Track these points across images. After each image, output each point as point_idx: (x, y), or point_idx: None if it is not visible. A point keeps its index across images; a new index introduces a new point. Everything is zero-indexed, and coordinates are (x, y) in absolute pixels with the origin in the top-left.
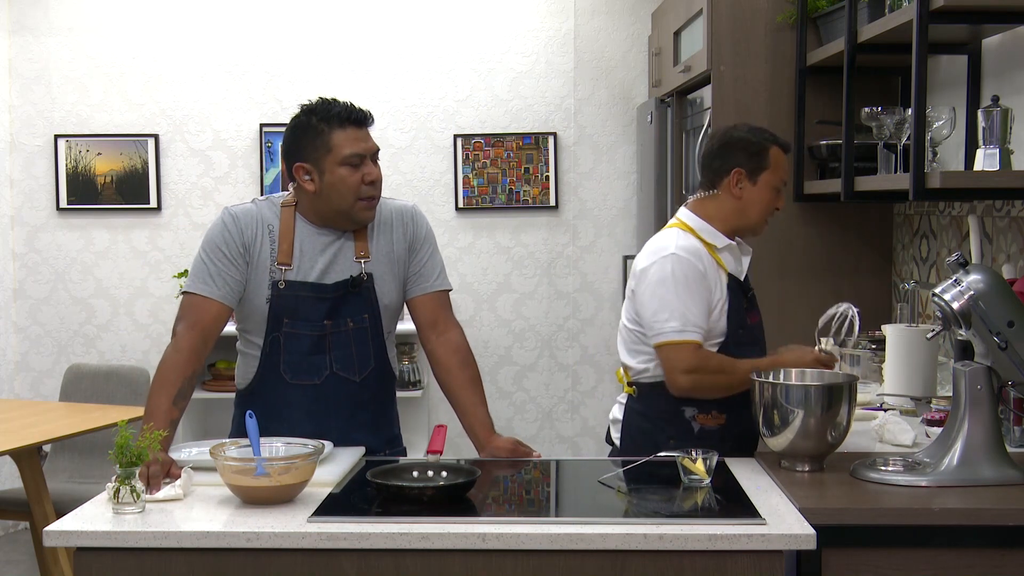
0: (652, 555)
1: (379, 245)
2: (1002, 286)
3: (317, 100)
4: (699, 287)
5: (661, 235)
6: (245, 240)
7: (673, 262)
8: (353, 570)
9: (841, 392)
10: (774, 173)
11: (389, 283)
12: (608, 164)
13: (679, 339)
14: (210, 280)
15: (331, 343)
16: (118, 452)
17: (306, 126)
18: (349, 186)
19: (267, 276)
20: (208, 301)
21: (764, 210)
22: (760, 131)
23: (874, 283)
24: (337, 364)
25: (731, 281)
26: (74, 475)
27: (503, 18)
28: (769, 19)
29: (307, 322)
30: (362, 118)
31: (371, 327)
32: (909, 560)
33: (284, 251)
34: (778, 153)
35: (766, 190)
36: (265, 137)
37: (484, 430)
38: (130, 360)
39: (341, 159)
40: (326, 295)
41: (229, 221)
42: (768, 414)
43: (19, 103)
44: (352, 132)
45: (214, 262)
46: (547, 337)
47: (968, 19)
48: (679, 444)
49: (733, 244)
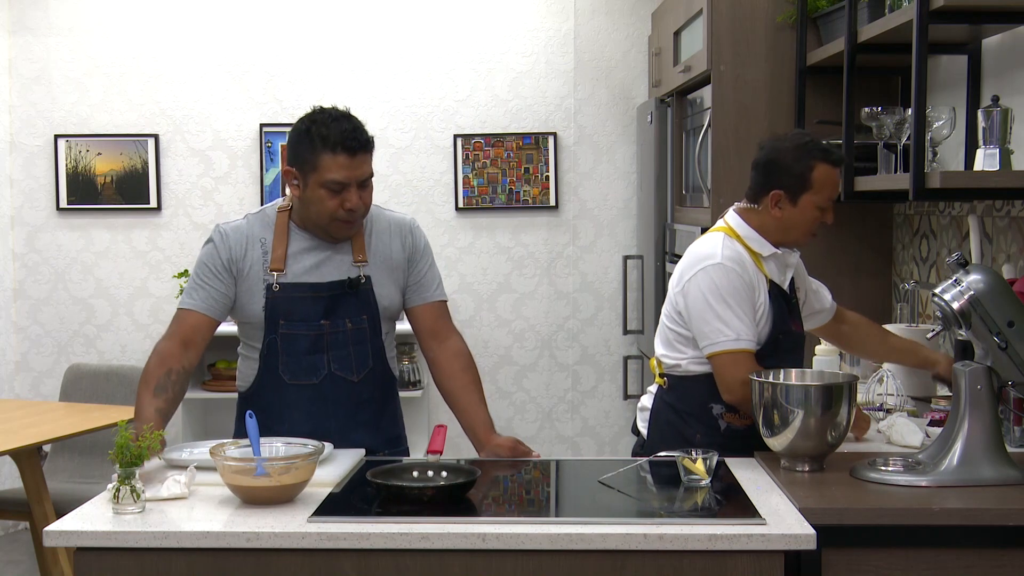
0: (652, 555)
1: (376, 251)
2: (1002, 286)
3: (327, 110)
4: (747, 296)
5: (707, 240)
6: (232, 255)
7: (721, 272)
8: (353, 570)
9: (841, 392)
10: (818, 193)
11: (388, 286)
12: (608, 164)
13: (735, 348)
14: (193, 293)
15: (329, 343)
16: (118, 452)
17: (304, 135)
18: (326, 208)
19: (261, 283)
20: (189, 313)
21: (807, 230)
22: (807, 147)
23: (874, 283)
24: (335, 364)
25: (773, 288)
26: (74, 475)
27: (503, 18)
28: (769, 19)
29: (304, 323)
30: (356, 147)
31: (370, 328)
32: (909, 560)
33: (277, 257)
34: (825, 171)
35: (808, 210)
36: (265, 137)
37: (484, 429)
38: (130, 360)
39: (323, 182)
40: (321, 294)
41: (217, 238)
42: (768, 414)
43: (19, 103)
44: (342, 159)
45: (199, 276)
46: (547, 337)
47: (968, 19)
48: (705, 440)
49: (779, 253)
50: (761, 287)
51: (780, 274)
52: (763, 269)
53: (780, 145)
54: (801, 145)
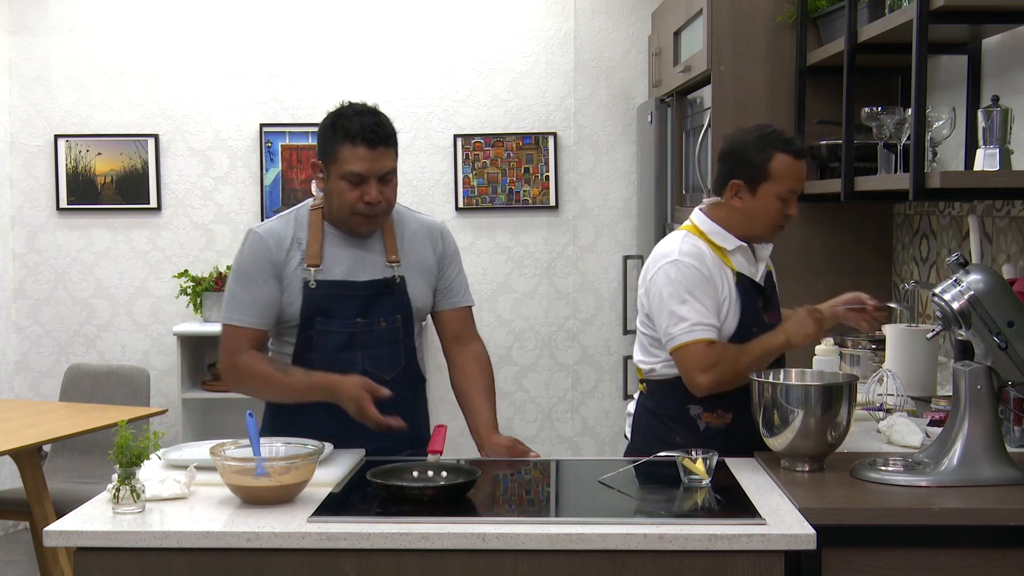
0: (652, 555)
1: (408, 252)
2: (1002, 286)
3: (353, 105)
4: (704, 288)
5: (667, 239)
6: (274, 259)
7: (676, 268)
8: (353, 570)
9: (841, 392)
10: (778, 184)
11: (421, 287)
12: (608, 164)
13: (690, 339)
14: (242, 309)
15: (363, 341)
16: (118, 452)
17: (328, 127)
18: (345, 200)
19: (299, 281)
20: (243, 330)
21: (768, 221)
22: (767, 137)
23: (874, 283)
24: (369, 362)
25: (743, 281)
26: (74, 475)
27: (503, 18)
28: (769, 19)
29: (340, 320)
30: (376, 140)
31: (403, 328)
32: (909, 560)
33: (313, 253)
34: (784, 161)
35: (769, 200)
36: (265, 137)
37: (486, 429)
38: (130, 360)
39: (342, 173)
40: (357, 292)
41: (257, 243)
42: (768, 414)
43: (19, 103)
44: (361, 151)
45: (247, 290)
46: (547, 337)
47: (968, 19)
48: (686, 442)
49: (744, 246)
50: (725, 280)
51: (750, 266)
52: (729, 263)
53: (742, 136)
54: (762, 136)
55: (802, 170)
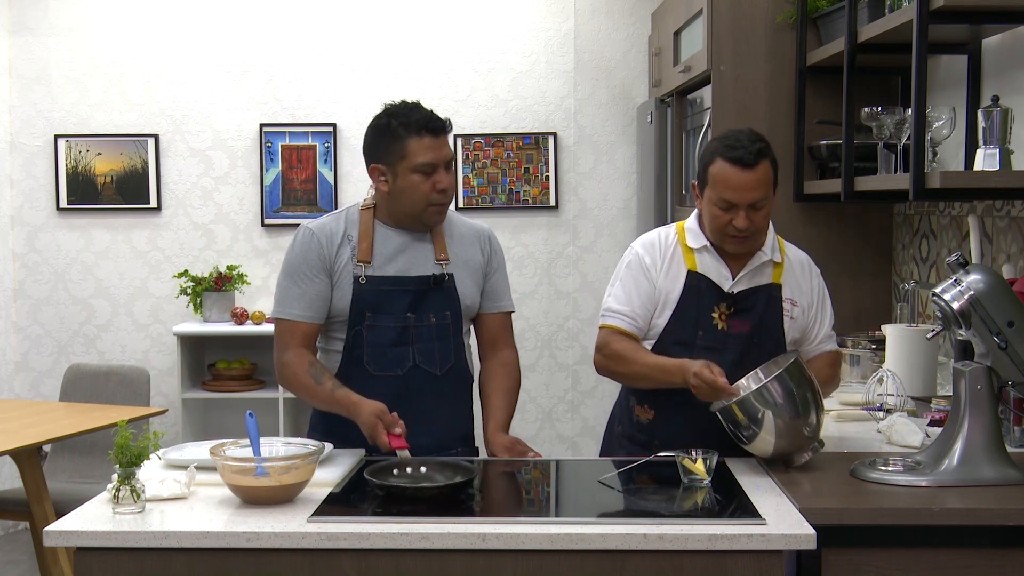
0: (652, 555)
1: (458, 251)
2: (1002, 286)
3: (399, 103)
4: (638, 278)
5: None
6: (324, 254)
7: (627, 254)
8: (353, 570)
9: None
10: (713, 189)
11: (470, 286)
12: (608, 164)
13: (602, 323)
14: (294, 304)
15: (414, 336)
16: (118, 452)
17: (385, 129)
18: (420, 192)
19: (350, 276)
20: (292, 324)
21: (713, 227)
22: (717, 142)
23: (874, 283)
24: (419, 357)
25: (696, 280)
26: (74, 475)
27: (503, 18)
28: (769, 19)
29: (390, 315)
30: (439, 127)
31: (452, 324)
32: (909, 560)
33: (364, 249)
34: (722, 168)
35: (709, 205)
36: (265, 137)
37: (493, 427)
38: (130, 360)
39: (414, 166)
40: (408, 288)
41: (308, 238)
42: (738, 434)
43: (19, 103)
44: (428, 141)
45: (297, 284)
46: (547, 337)
47: (968, 19)
48: (625, 432)
49: (708, 246)
50: (674, 276)
51: (720, 268)
52: (690, 260)
53: (715, 138)
54: (716, 139)
55: (745, 181)
